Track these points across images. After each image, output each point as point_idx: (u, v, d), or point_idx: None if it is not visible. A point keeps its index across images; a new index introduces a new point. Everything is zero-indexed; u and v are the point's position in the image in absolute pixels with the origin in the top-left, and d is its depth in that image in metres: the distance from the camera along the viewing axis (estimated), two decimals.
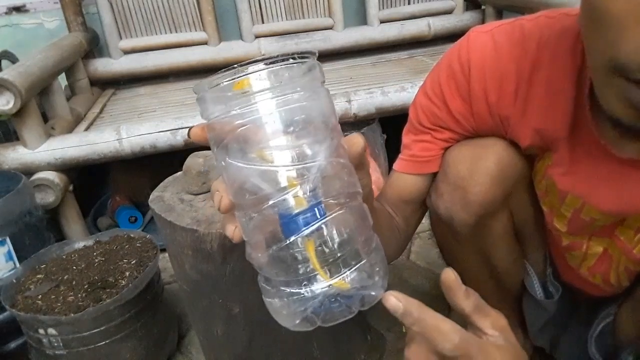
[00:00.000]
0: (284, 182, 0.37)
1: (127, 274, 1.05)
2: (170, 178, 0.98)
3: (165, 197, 0.91)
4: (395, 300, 0.41)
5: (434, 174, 0.77)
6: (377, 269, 0.40)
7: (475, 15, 2.20)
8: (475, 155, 0.71)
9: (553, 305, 0.88)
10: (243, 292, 0.85)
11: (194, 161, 0.90)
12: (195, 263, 0.84)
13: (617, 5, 0.43)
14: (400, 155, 0.78)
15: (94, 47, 1.97)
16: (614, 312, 0.81)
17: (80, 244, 1.18)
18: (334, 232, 0.38)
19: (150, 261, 1.06)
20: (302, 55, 0.39)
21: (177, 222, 0.82)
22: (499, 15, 2.10)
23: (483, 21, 2.17)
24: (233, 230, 0.42)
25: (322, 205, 0.38)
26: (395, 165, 0.78)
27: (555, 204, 0.72)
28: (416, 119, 0.74)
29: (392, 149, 1.66)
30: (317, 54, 0.40)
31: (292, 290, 0.38)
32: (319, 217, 0.37)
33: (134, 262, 1.08)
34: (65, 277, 1.05)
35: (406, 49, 2.19)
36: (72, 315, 0.94)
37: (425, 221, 0.88)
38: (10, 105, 1.29)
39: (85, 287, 1.01)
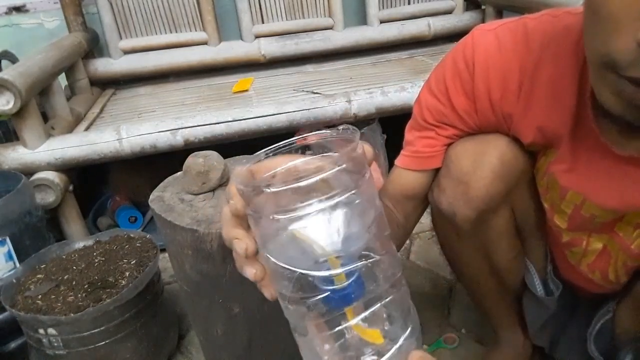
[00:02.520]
0: (328, 273, 0.37)
1: (127, 274, 1.05)
2: (170, 178, 0.98)
3: (165, 197, 0.91)
4: None
5: (436, 170, 0.77)
6: (415, 339, 0.40)
7: (475, 15, 2.20)
8: (478, 150, 0.72)
9: (553, 303, 0.88)
10: (243, 292, 0.84)
11: (194, 161, 0.90)
12: (195, 263, 0.84)
13: (612, 3, 0.43)
14: (402, 152, 0.78)
15: (94, 47, 1.97)
16: (613, 309, 0.82)
17: (80, 244, 1.18)
18: (374, 305, 0.38)
19: (150, 261, 1.06)
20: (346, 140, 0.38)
21: (177, 222, 0.82)
22: (499, 15, 2.10)
23: (483, 21, 2.17)
24: (254, 274, 0.41)
25: (364, 282, 0.38)
26: (397, 161, 0.79)
27: (556, 200, 0.72)
28: (420, 116, 0.74)
29: (392, 149, 1.66)
30: (359, 134, 0.40)
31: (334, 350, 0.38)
32: (359, 293, 0.37)
33: (134, 262, 1.08)
34: (65, 277, 1.05)
35: (406, 49, 2.19)
36: (72, 315, 0.94)
37: (425, 221, 0.89)
38: (10, 105, 1.29)
39: (85, 287, 1.01)
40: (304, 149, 0.41)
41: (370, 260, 0.38)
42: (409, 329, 0.39)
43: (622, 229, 0.69)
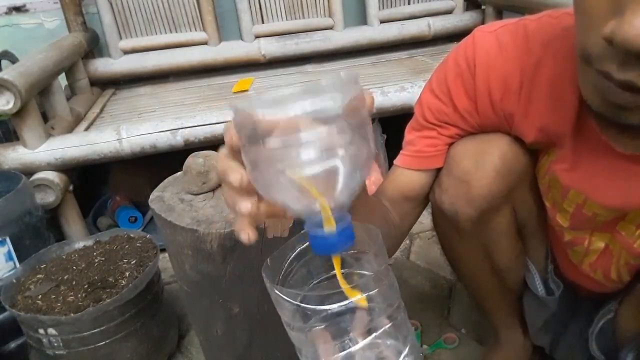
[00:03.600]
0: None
1: (127, 274, 1.05)
2: (170, 178, 0.98)
3: (165, 197, 0.91)
4: None
5: (437, 170, 0.77)
6: None
7: (475, 15, 2.20)
8: (479, 150, 0.72)
9: (554, 302, 0.88)
10: (243, 292, 0.84)
11: (194, 161, 0.90)
12: (195, 263, 0.84)
13: (586, 0, 0.45)
14: (402, 152, 0.78)
15: (94, 47, 1.97)
16: (615, 308, 0.82)
17: (80, 244, 1.18)
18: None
19: (150, 261, 1.06)
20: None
21: (177, 222, 0.82)
22: (499, 15, 2.10)
23: (483, 21, 2.17)
24: (249, 207, 0.40)
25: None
26: (397, 161, 0.78)
27: (558, 199, 0.72)
28: (422, 116, 0.75)
29: (392, 149, 1.66)
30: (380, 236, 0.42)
31: None
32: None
33: (134, 262, 1.08)
34: (65, 277, 1.05)
35: (406, 49, 2.19)
36: (72, 315, 0.94)
37: (426, 221, 0.88)
38: (10, 105, 1.29)
39: (85, 287, 1.01)
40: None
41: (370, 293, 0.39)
42: (407, 348, 0.40)
43: (625, 228, 0.69)
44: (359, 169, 0.37)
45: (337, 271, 0.39)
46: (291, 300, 0.39)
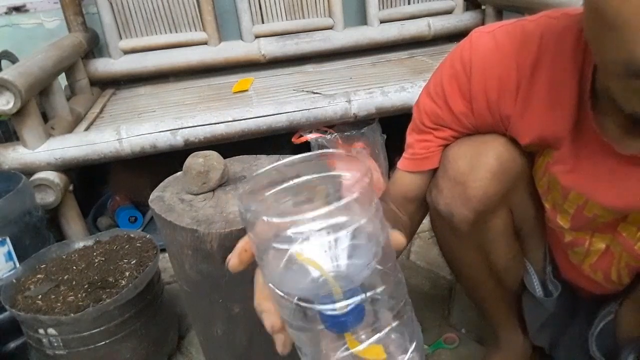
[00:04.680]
0: (329, 294, 0.36)
1: (127, 274, 1.04)
2: (170, 178, 0.98)
3: (165, 197, 0.91)
4: None
5: (433, 171, 0.77)
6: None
7: (475, 15, 2.20)
8: (475, 151, 0.72)
9: (552, 304, 0.88)
10: (243, 292, 0.84)
11: (194, 161, 0.90)
12: (195, 263, 0.84)
13: (629, 8, 0.41)
14: (403, 154, 0.79)
15: (94, 47, 1.97)
16: (615, 310, 0.82)
17: (80, 244, 1.18)
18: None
19: (150, 261, 1.06)
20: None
21: (177, 222, 0.82)
22: (499, 15, 2.10)
23: (483, 21, 2.17)
24: (282, 345, 0.42)
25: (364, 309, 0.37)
26: (398, 164, 0.80)
27: (558, 200, 0.72)
28: (419, 119, 0.75)
29: (392, 149, 1.67)
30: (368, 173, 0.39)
31: None
32: (359, 318, 0.37)
33: (134, 262, 1.08)
34: (65, 277, 1.05)
35: (406, 49, 2.19)
36: (72, 315, 0.94)
37: (425, 221, 0.89)
38: (10, 105, 1.29)
39: (85, 287, 1.01)
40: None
41: (372, 293, 0.37)
42: (414, 345, 0.39)
43: (626, 229, 0.69)
44: (367, 243, 0.36)
45: (351, 345, 0.37)
46: (290, 299, 0.38)
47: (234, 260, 0.42)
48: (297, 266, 0.35)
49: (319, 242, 0.34)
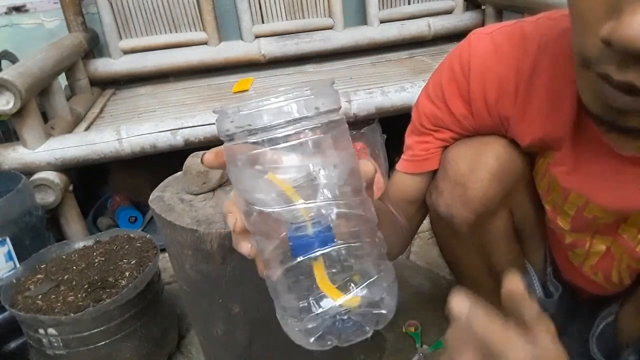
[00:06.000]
0: (294, 205, 0.38)
1: (127, 274, 1.04)
2: (170, 178, 0.98)
3: (165, 197, 0.91)
4: (459, 304, 0.43)
5: (433, 173, 0.77)
6: (387, 288, 0.41)
7: (475, 15, 2.20)
8: (475, 152, 0.72)
9: (553, 305, 0.88)
10: (243, 292, 0.84)
11: (194, 161, 0.90)
12: (195, 263, 0.84)
13: (581, 3, 0.44)
14: (402, 156, 0.79)
15: (94, 47, 1.97)
16: (615, 311, 0.82)
17: (80, 244, 1.18)
18: (343, 254, 0.39)
19: (150, 261, 1.06)
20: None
21: (177, 222, 0.82)
22: (499, 15, 2.10)
23: (483, 21, 2.17)
24: (249, 248, 0.44)
25: (332, 229, 0.38)
26: (397, 166, 0.80)
27: (559, 202, 0.72)
28: (418, 121, 0.75)
29: (392, 149, 1.67)
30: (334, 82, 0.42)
31: (302, 307, 0.39)
32: (327, 241, 0.38)
33: (134, 262, 1.08)
34: (65, 277, 1.05)
35: (406, 49, 2.19)
36: (72, 315, 0.94)
37: (425, 221, 0.89)
38: (10, 105, 1.29)
39: (85, 287, 1.01)
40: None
41: (339, 212, 0.39)
42: (376, 276, 0.40)
43: (626, 231, 0.69)
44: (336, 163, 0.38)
45: (318, 277, 0.38)
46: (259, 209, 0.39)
47: (209, 155, 0.45)
48: (266, 183, 0.37)
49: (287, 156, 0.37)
